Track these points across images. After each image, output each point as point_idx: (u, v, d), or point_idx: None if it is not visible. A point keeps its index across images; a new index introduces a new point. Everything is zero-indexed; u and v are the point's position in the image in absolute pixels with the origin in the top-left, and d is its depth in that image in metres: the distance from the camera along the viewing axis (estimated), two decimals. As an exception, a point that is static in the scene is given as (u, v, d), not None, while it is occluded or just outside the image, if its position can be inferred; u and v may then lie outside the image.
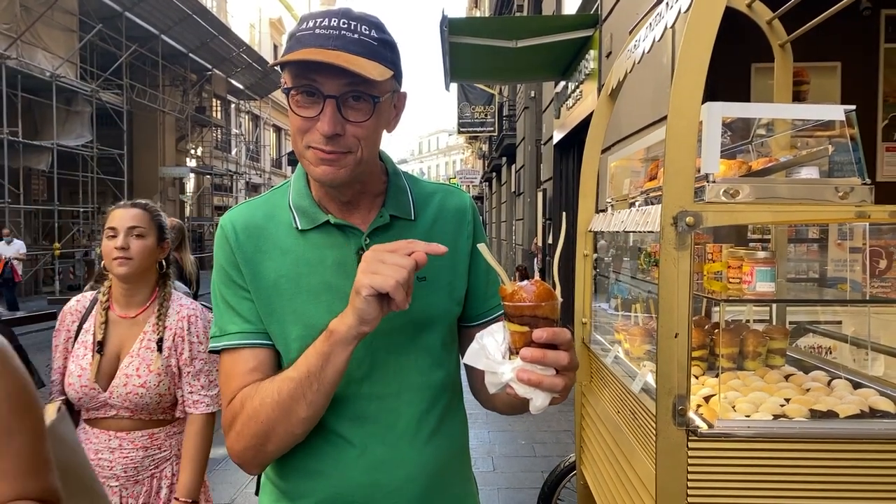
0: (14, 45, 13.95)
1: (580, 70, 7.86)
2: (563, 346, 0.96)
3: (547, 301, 0.95)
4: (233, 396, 1.11)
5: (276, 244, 1.17)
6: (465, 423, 1.33)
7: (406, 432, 1.17)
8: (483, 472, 4.81)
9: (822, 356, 2.61)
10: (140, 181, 21.78)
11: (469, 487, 1.34)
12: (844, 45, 4.25)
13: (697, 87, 1.53)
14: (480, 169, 31.56)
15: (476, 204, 1.37)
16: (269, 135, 34.80)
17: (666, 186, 1.57)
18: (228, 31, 22.25)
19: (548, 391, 0.95)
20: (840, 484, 1.60)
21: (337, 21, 1.05)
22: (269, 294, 1.15)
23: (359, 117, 1.07)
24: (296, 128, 1.08)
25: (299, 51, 1.03)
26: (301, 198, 1.20)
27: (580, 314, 2.81)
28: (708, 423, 1.70)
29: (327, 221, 1.17)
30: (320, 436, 1.16)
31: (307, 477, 1.18)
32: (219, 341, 1.15)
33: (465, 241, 1.27)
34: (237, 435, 1.09)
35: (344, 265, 1.16)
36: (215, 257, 1.21)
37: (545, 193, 11.18)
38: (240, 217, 1.20)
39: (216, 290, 1.19)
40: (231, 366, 1.14)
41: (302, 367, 1.04)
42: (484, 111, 19.62)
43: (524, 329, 0.95)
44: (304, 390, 1.04)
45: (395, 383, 1.17)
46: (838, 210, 1.73)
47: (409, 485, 1.16)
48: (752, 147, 2.35)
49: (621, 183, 2.98)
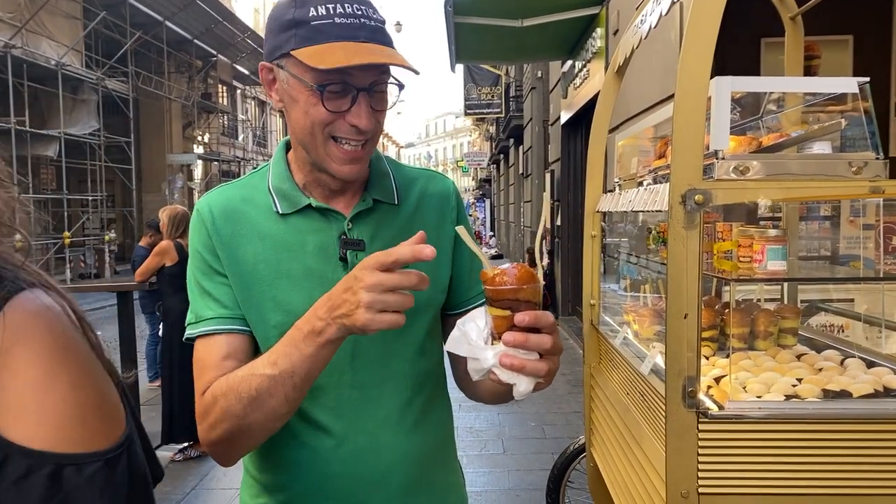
0: (19, 34, 13.94)
1: (587, 48, 7.77)
2: (546, 328, 0.92)
3: (528, 284, 0.92)
4: (205, 389, 1.06)
5: (254, 228, 1.14)
6: (450, 412, 1.30)
7: (389, 421, 1.15)
8: (493, 454, 4.82)
9: (834, 335, 2.58)
10: (148, 168, 21.84)
11: (454, 477, 1.32)
12: (856, 18, 4.15)
13: (705, 61, 1.49)
14: (488, 151, 31.41)
15: (484, 186, 1.34)
16: (276, 120, 34.74)
17: (674, 164, 1.53)
18: (233, 16, 22.16)
19: (531, 376, 0.92)
20: (854, 465, 1.57)
21: (351, 7, 1.03)
22: (247, 280, 1.12)
23: (382, 106, 1.08)
24: (319, 121, 1.05)
25: (333, 43, 1.00)
26: (282, 181, 1.16)
27: (588, 296, 2.78)
28: (718, 405, 1.67)
29: (309, 205, 1.14)
30: (299, 426, 1.13)
31: (286, 469, 1.15)
32: (195, 328, 1.12)
33: (448, 227, 1.24)
34: (210, 427, 1.04)
35: (325, 250, 1.13)
36: (190, 243, 1.18)
37: (553, 174, 11.10)
38: (217, 200, 1.16)
39: (192, 277, 1.16)
40: (205, 353, 1.10)
41: (283, 365, 0.97)
42: (490, 92, 19.50)
43: (506, 313, 0.92)
44: (284, 388, 0.97)
45: (378, 372, 1.15)
46: (852, 186, 1.69)
47: (392, 475, 1.14)
48: (762, 123, 2.30)
49: (629, 162, 2.94)
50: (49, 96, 16.08)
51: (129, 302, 5.22)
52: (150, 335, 6.94)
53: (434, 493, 1.23)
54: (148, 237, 6.63)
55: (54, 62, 15.22)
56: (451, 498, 1.28)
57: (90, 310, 13.50)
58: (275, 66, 1.09)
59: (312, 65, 0.99)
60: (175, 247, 4.83)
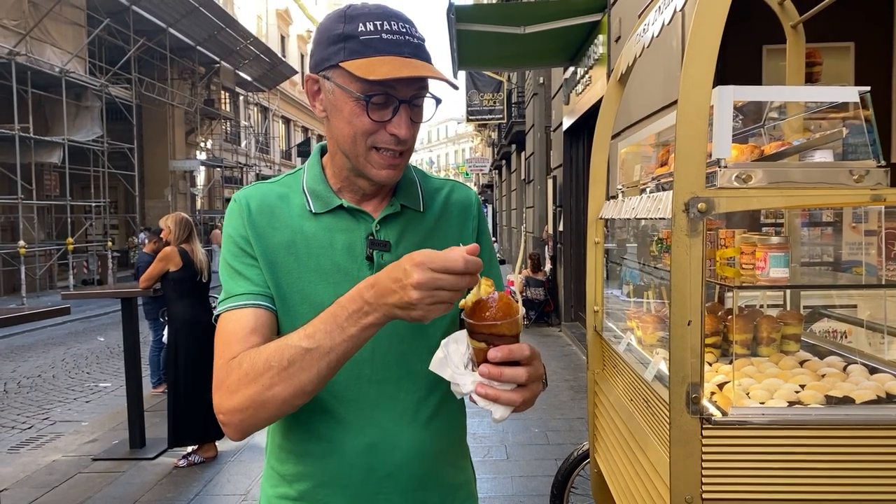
0: (23, 41, 13.99)
1: (589, 55, 7.79)
2: (523, 361, 0.98)
3: (504, 319, 0.95)
4: (230, 358, 1.07)
5: (287, 224, 1.19)
6: (464, 412, 1.33)
7: (403, 418, 1.19)
8: (497, 460, 4.82)
9: (837, 341, 2.59)
10: (151, 175, 21.89)
11: (465, 475, 1.35)
12: (857, 26, 4.17)
13: (708, 70, 1.50)
14: (490, 157, 31.42)
15: (486, 192, 1.38)
16: (279, 126, 34.80)
17: (677, 172, 1.55)
18: (235, 23, 22.22)
19: (506, 405, 0.98)
20: (857, 471, 1.58)
21: (396, 25, 1.10)
22: (276, 270, 1.17)
23: (420, 118, 1.15)
24: (362, 130, 1.12)
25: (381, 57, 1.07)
26: (316, 182, 1.23)
27: (592, 302, 2.79)
28: (722, 411, 1.68)
29: (340, 206, 1.20)
30: (317, 419, 1.17)
31: (304, 460, 1.19)
32: (224, 304, 1.15)
33: (469, 234, 1.32)
34: (229, 393, 1.05)
35: (352, 248, 1.19)
36: (225, 230, 1.22)
37: (555, 180, 11.11)
38: (254, 194, 1.23)
39: (224, 262, 1.20)
40: (233, 325, 1.12)
41: (322, 341, 0.99)
42: (493, 98, 19.50)
43: (482, 345, 0.97)
44: (318, 364, 1.00)
45: (395, 369, 1.19)
46: (853, 194, 1.70)
47: (404, 469, 1.18)
48: (764, 131, 2.32)
49: (632, 169, 2.96)
50: (53, 103, 16.12)
51: (134, 308, 5.24)
52: (154, 341, 6.96)
53: (444, 490, 1.26)
54: (152, 243, 6.65)
55: (58, 69, 15.26)
56: (460, 495, 1.31)
57: (94, 316, 13.49)
58: (321, 77, 1.15)
59: (361, 76, 1.06)
60: (179, 252, 4.85)
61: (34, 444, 5.56)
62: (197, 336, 4.78)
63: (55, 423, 6.19)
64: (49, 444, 5.46)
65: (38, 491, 4.39)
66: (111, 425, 5.84)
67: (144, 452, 5.03)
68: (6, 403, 6.89)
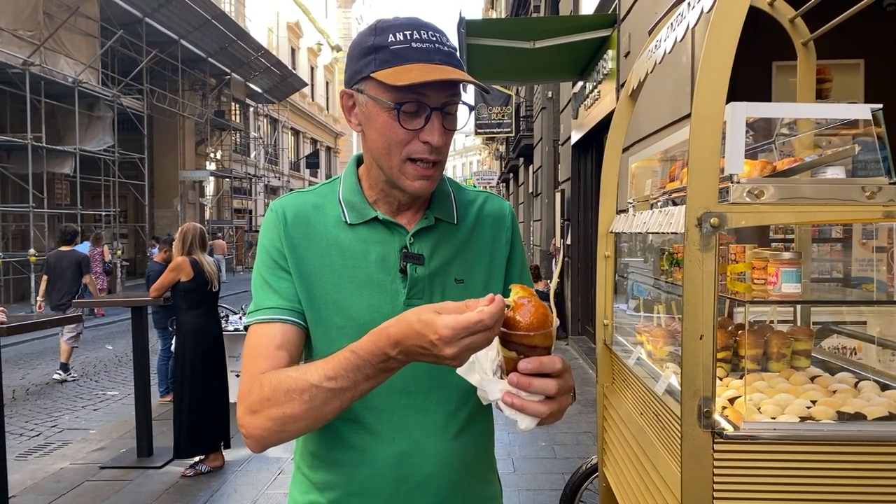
0: (37, 51, 14.15)
1: (598, 70, 7.82)
2: (554, 374, 0.96)
3: (537, 331, 0.93)
4: (258, 372, 1.09)
5: (323, 234, 1.21)
6: (492, 425, 1.34)
7: (433, 429, 1.19)
8: (503, 473, 4.78)
9: (847, 357, 2.58)
10: (160, 185, 22.02)
11: (491, 489, 1.35)
12: (867, 43, 4.19)
13: (721, 88, 1.52)
14: (497, 170, 31.47)
15: None
16: (288, 138, 34.98)
17: (690, 187, 1.56)
18: (246, 35, 22.43)
19: (532, 416, 0.96)
20: (868, 487, 1.58)
21: (427, 34, 1.11)
22: (310, 280, 1.18)
23: (453, 126, 1.15)
24: (396, 140, 1.12)
25: (411, 65, 1.08)
26: (352, 194, 1.24)
27: (601, 315, 2.80)
28: (733, 426, 1.69)
29: (375, 217, 1.21)
30: (349, 428, 1.18)
31: (335, 469, 1.20)
32: (253, 316, 1.17)
33: (502, 246, 1.32)
34: (252, 412, 1.06)
35: (386, 261, 1.20)
36: (260, 241, 1.24)
37: (563, 194, 11.13)
38: (291, 204, 1.24)
39: (256, 274, 1.22)
40: (260, 339, 1.14)
41: (343, 384, 1.00)
42: (501, 112, 19.59)
43: (512, 354, 0.95)
44: (341, 400, 1.02)
45: (427, 381, 1.19)
46: (865, 210, 1.71)
47: (433, 480, 1.19)
48: (775, 146, 2.33)
49: (643, 184, 2.97)
50: (65, 113, 16.27)
51: (144, 317, 5.27)
52: (162, 350, 6.99)
53: (472, 502, 1.27)
54: (163, 253, 6.70)
55: (71, 79, 15.42)
56: None
57: (103, 324, 13.47)
58: (355, 91, 1.16)
59: (390, 83, 1.06)
60: (190, 262, 4.88)
61: (42, 451, 5.58)
62: (205, 346, 4.81)
63: (63, 431, 6.22)
64: (57, 452, 5.48)
65: (45, 498, 4.40)
66: (119, 433, 5.85)
67: (152, 461, 5.04)
68: (15, 410, 6.91)
